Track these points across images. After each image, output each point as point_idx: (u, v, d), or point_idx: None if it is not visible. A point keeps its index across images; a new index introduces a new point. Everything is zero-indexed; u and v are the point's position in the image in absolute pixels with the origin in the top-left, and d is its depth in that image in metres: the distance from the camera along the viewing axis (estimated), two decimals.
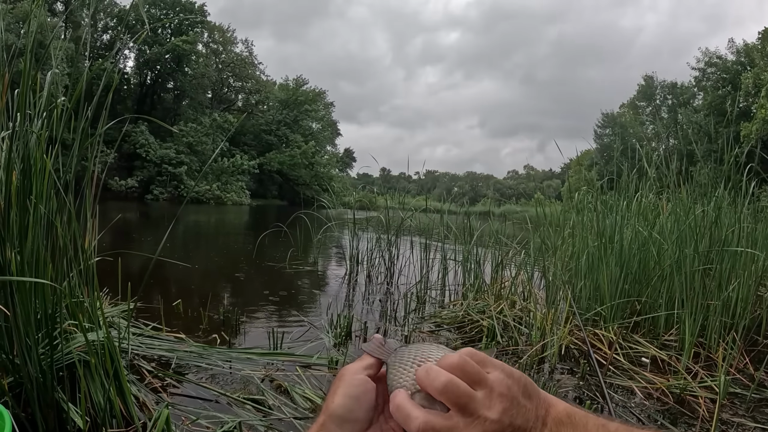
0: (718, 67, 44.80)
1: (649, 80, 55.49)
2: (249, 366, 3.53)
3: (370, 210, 10.11)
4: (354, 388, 0.65)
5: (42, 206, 2.39)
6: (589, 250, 4.91)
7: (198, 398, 3.01)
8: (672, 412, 3.20)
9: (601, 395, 3.38)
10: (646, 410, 3.21)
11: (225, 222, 23.85)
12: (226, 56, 53.84)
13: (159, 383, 3.19)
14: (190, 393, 3.08)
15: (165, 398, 2.96)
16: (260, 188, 51.59)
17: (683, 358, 3.83)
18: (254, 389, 3.13)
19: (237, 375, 3.36)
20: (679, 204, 4.97)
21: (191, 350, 3.76)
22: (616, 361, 3.84)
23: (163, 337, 4.07)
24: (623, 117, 56.26)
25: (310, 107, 57.69)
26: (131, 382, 3.11)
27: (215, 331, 4.33)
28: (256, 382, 3.22)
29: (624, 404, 3.30)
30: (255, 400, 2.93)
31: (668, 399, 3.35)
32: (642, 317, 4.53)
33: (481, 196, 42.19)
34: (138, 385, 3.10)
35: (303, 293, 6.70)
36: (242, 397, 2.95)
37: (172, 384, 3.18)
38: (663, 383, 3.49)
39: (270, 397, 2.98)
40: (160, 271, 8.00)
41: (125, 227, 16.29)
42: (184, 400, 2.97)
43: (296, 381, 3.28)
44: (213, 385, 3.20)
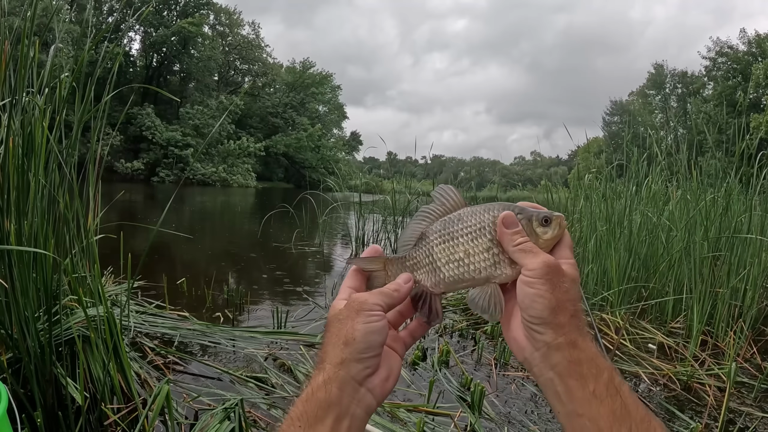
0: (729, 57, 44.19)
1: (660, 69, 54.86)
2: (252, 345, 3.51)
3: (376, 193, 10.07)
4: (374, 323, 0.69)
5: (42, 179, 2.35)
6: (598, 235, 4.84)
7: (201, 376, 2.99)
8: (679, 399, 3.16)
9: None
10: (653, 397, 3.17)
11: (230, 204, 23.87)
12: (232, 39, 53.56)
13: (161, 361, 3.17)
14: (192, 371, 3.06)
15: (167, 375, 2.94)
16: (266, 171, 51.55)
17: (691, 345, 3.78)
18: (257, 368, 3.11)
19: (240, 353, 3.35)
20: (689, 191, 4.89)
21: (195, 328, 3.74)
22: (622, 346, 3.80)
23: (166, 315, 4.05)
24: (632, 105, 55.73)
25: (317, 90, 57.44)
26: (133, 359, 3.10)
27: (219, 309, 4.32)
28: (259, 360, 3.20)
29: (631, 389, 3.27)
30: (258, 378, 2.90)
31: (675, 386, 3.31)
32: (649, 302, 4.47)
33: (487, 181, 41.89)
34: (140, 362, 3.08)
35: (308, 274, 6.68)
36: (245, 375, 2.93)
37: (174, 362, 3.16)
38: (670, 370, 3.44)
39: (273, 375, 2.96)
40: (166, 251, 8.01)
41: (131, 208, 16.33)
42: (186, 378, 2.96)
43: (299, 360, 3.25)
44: (216, 363, 3.18)
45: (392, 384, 0.72)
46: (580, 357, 0.63)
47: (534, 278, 0.66)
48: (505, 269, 0.71)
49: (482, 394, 2.67)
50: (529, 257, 0.67)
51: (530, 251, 0.68)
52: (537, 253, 0.68)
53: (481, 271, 0.72)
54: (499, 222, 0.70)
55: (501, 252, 0.71)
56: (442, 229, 0.75)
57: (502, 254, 0.71)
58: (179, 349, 3.36)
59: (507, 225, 0.70)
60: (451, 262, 0.73)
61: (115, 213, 14.12)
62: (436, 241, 0.75)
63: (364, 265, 0.80)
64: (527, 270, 0.67)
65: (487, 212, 0.73)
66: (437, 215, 0.77)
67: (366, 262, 0.80)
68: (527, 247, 0.68)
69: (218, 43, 51.33)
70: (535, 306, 0.65)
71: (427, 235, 0.76)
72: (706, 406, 3.05)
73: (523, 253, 0.68)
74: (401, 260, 0.78)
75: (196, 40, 46.70)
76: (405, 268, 0.77)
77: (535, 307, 0.65)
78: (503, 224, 0.70)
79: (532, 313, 0.65)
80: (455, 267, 0.73)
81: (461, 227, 0.74)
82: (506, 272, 0.71)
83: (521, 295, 0.67)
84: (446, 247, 0.74)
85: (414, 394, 2.87)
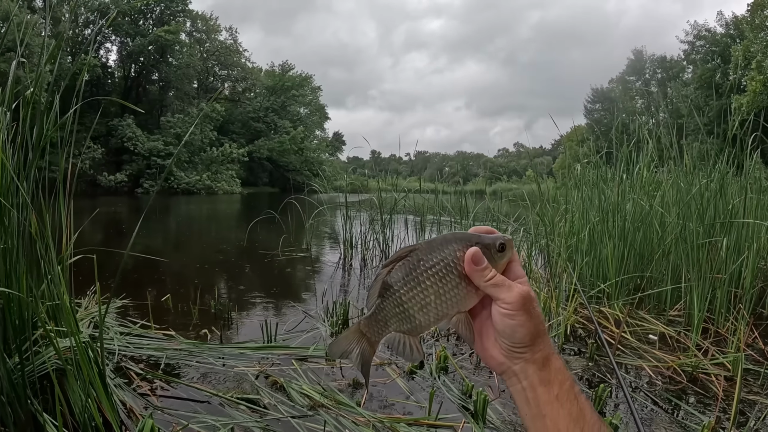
0: (707, 40, 44.45)
1: (639, 54, 55.10)
2: (242, 362, 3.37)
3: (362, 193, 9.93)
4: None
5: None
6: (591, 225, 4.75)
7: (189, 400, 2.85)
8: (686, 392, 3.08)
9: (613, 376, 3.26)
10: (659, 391, 3.08)
11: (217, 211, 23.58)
12: (210, 45, 52.93)
13: (147, 386, 3.02)
14: (180, 395, 2.91)
15: (154, 402, 2.79)
16: (251, 176, 51.10)
17: (693, 334, 3.70)
18: (248, 387, 2.97)
19: (230, 372, 3.20)
20: (681, 175, 4.82)
21: (181, 348, 3.60)
22: (623, 339, 3.71)
23: (152, 336, 3.90)
24: (613, 92, 55.99)
25: (297, 92, 56.98)
26: (118, 386, 2.95)
27: (207, 325, 4.16)
28: (250, 379, 3.06)
29: (636, 384, 3.17)
30: (249, 399, 2.76)
31: (681, 378, 3.22)
32: (647, 293, 4.39)
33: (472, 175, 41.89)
34: (125, 389, 2.94)
35: (297, 281, 6.53)
36: (236, 396, 2.79)
37: (162, 386, 3.01)
38: (674, 361, 3.36)
39: (265, 395, 2.82)
40: (150, 265, 7.82)
41: (116, 222, 16.05)
42: (174, 403, 2.81)
43: (292, 376, 3.12)
44: (205, 384, 3.04)
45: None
46: (550, 368, 0.72)
47: (513, 311, 0.71)
48: (473, 298, 0.74)
49: (486, 403, 2.55)
50: (504, 291, 0.72)
51: (503, 285, 0.72)
52: (510, 287, 0.72)
53: (453, 306, 0.74)
54: (468, 260, 0.72)
55: (468, 284, 0.73)
56: (406, 274, 0.74)
57: (470, 285, 0.73)
58: (166, 371, 3.21)
59: (476, 262, 0.72)
60: (424, 308, 0.74)
61: (100, 227, 13.90)
62: (403, 289, 0.74)
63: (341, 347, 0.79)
64: (505, 303, 0.71)
65: (447, 247, 0.74)
66: (395, 260, 0.76)
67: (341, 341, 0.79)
68: (499, 281, 0.72)
69: (196, 49, 50.75)
70: (516, 335, 0.71)
71: (392, 284, 0.75)
72: (716, 399, 2.97)
73: (497, 287, 0.72)
74: (373, 317, 0.77)
75: (174, 48, 46.05)
76: (378, 322, 0.76)
77: (516, 336, 0.71)
78: (473, 262, 0.72)
79: (514, 340, 0.72)
80: (428, 311, 0.74)
81: (425, 269, 0.73)
82: (474, 300, 0.75)
83: (502, 325, 0.72)
84: (415, 294, 0.73)
85: (414, 406, 2.75)
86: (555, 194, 6.52)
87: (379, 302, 0.76)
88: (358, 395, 2.89)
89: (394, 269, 0.75)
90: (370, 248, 7.88)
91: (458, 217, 6.78)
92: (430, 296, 0.73)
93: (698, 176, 4.67)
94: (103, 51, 45.94)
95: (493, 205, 6.78)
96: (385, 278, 0.75)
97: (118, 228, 13.34)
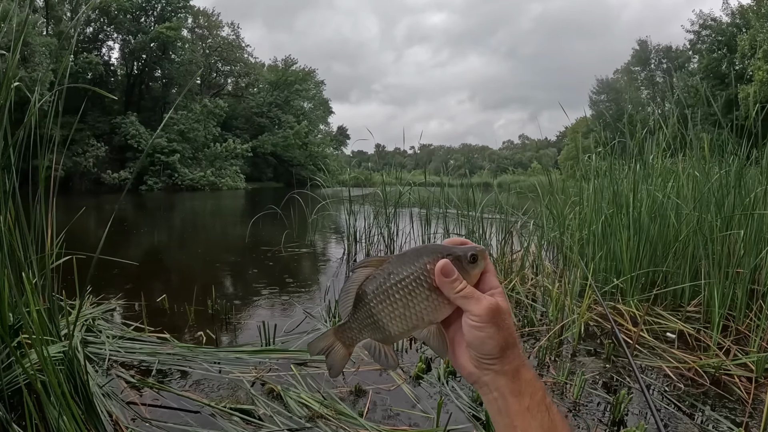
0: (713, 29, 43.90)
1: (644, 44, 54.54)
2: (238, 367, 3.20)
3: (366, 187, 9.75)
4: None
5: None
6: (605, 217, 4.54)
7: (180, 410, 2.68)
8: (709, 396, 2.88)
9: (632, 378, 3.07)
10: (681, 395, 2.88)
11: (220, 207, 23.45)
12: (212, 41, 52.67)
13: (137, 395, 2.86)
14: (171, 404, 2.74)
15: (142, 413, 2.63)
16: (255, 171, 50.92)
17: (713, 332, 3.50)
18: (243, 396, 2.79)
19: (225, 379, 3.03)
20: (698, 165, 4.60)
21: (175, 352, 3.43)
22: (639, 337, 3.51)
23: (145, 339, 3.74)
24: (618, 83, 55.54)
25: (301, 87, 56.74)
26: (106, 395, 2.79)
27: (204, 327, 3.99)
28: (245, 386, 2.89)
29: (656, 387, 2.98)
30: (243, 410, 2.59)
31: (703, 380, 3.02)
32: (665, 289, 4.18)
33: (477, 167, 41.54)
34: (113, 398, 2.77)
35: (299, 278, 6.34)
36: (229, 407, 2.61)
37: (152, 394, 2.85)
38: (696, 362, 3.16)
39: (261, 405, 2.65)
40: (149, 265, 7.68)
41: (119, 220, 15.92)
42: (164, 414, 2.64)
43: (290, 383, 2.94)
44: (198, 392, 2.87)
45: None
46: (521, 379, 0.70)
47: (481, 323, 0.69)
48: (445, 310, 0.74)
49: None
50: (473, 303, 0.71)
51: (472, 297, 0.71)
52: (479, 299, 0.71)
53: (424, 318, 0.74)
54: (438, 272, 0.71)
55: (439, 296, 0.72)
56: (377, 287, 0.74)
57: (441, 297, 0.72)
58: (158, 378, 3.05)
59: (446, 274, 0.71)
60: (394, 319, 0.74)
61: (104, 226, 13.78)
62: (374, 301, 0.74)
63: (317, 347, 0.80)
64: (474, 316, 0.70)
65: (417, 260, 0.74)
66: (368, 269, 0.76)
67: (317, 343, 0.80)
68: (468, 293, 0.71)
69: (198, 46, 50.54)
70: (484, 347, 0.70)
71: (364, 295, 0.76)
72: (741, 403, 2.77)
73: (466, 299, 0.71)
74: (346, 326, 0.78)
75: (176, 45, 45.86)
76: (351, 330, 0.77)
77: (484, 348, 0.70)
78: (442, 274, 0.71)
79: (482, 352, 0.70)
80: (399, 322, 0.74)
81: (395, 282, 0.73)
82: (446, 311, 0.74)
83: (471, 337, 0.71)
84: (385, 306, 0.74)
85: (420, 417, 2.56)
86: (563, 186, 6.31)
87: (351, 312, 0.76)
88: (360, 404, 2.71)
89: (366, 280, 0.75)
90: (375, 243, 7.70)
91: (465, 210, 6.57)
92: (399, 309, 0.73)
93: (715, 166, 4.45)
94: (105, 49, 45.81)
95: (502, 197, 6.55)
96: (358, 289, 0.76)
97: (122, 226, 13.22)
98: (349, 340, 0.78)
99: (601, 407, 2.72)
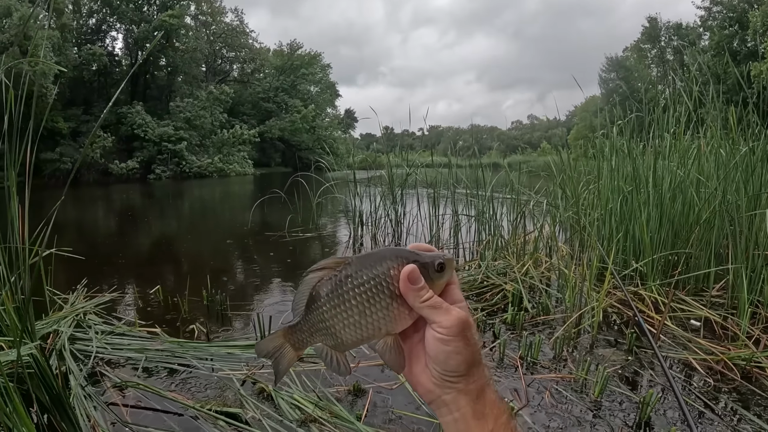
0: (724, 5, 42.76)
1: (654, 22, 53.34)
2: (229, 364, 2.99)
3: (374, 169, 9.50)
4: None
5: None
6: (624, 196, 4.25)
7: (164, 412, 2.47)
8: (741, 392, 2.61)
9: (657, 373, 2.81)
10: (710, 392, 2.62)
11: (228, 194, 23.27)
12: (216, 27, 52.17)
13: (120, 395, 2.65)
14: (154, 405, 2.53)
15: (122, 416, 2.42)
16: (263, 157, 50.73)
17: (742, 320, 3.22)
18: (231, 397, 2.57)
19: (213, 377, 2.82)
20: (722, 142, 4.29)
21: (164, 348, 3.23)
22: (664, 326, 3.25)
23: (135, 334, 3.54)
24: (628, 60, 54.52)
25: (307, 71, 56.25)
26: (87, 396, 2.59)
27: (197, 320, 3.79)
28: (235, 386, 2.67)
29: (683, 382, 2.72)
30: (229, 413, 2.37)
31: (733, 374, 2.76)
32: (689, 274, 3.89)
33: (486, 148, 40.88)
34: (94, 400, 2.57)
35: (302, 264, 6.09)
36: (214, 409, 2.40)
37: (135, 394, 2.64)
38: (725, 354, 2.89)
39: (249, 407, 2.43)
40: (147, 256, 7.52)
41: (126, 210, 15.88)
42: (146, 417, 2.44)
43: (283, 381, 2.72)
44: (184, 392, 2.67)
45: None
46: (484, 400, 0.66)
47: (449, 336, 0.64)
48: (404, 321, 0.68)
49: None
50: (441, 314, 0.65)
51: (440, 307, 0.66)
52: (448, 310, 0.66)
53: (381, 328, 0.68)
54: (404, 278, 0.66)
55: (400, 305, 0.66)
56: (332, 291, 0.68)
57: (402, 306, 0.67)
58: (144, 376, 2.85)
59: (412, 281, 0.65)
60: (348, 326, 0.68)
61: (115, 216, 13.69)
62: (327, 306, 0.68)
63: (265, 349, 0.75)
64: (441, 328, 0.65)
65: (380, 264, 0.67)
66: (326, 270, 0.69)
67: (265, 344, 0.75)
68: (436, 303, 0.66)
69: (202, 33, 50.09)
70: (450, 362, 0.65)
71: (317, 297, 0.69)
72: None
73: (434, 309, 0.65)
74: (297, 327, 0.72)
75: (179, 33, 45.44)
76: (302, 333, 0.72)
77: (450, 363, 0.65)
78: (408, 280, 0.65)
79: (447, 368, 0.65)
80: (353, 330, 0.68)
81: (353, 286, 0.67)
82: (406, 323, 0.68)
83: (435, 350, 0.65)
84: (339, 312, 0.68)
85: (424, 421, 2.31)
86: (576, 165, 6.02)
87: (304, 314, 0.71)
88: (359, 405, 2.48)
89: (321, 281, 0.70)
90: (381, 226, 7.47)
91: (474, 190, 6.29)
92: (354, 316, 0.68)
93: (740, 143, 4.14)
94: (109, 39, 45.53)
95: (513, 176, 6.26)
96: (312, 290, 0.71)
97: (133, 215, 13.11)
98: (298, 343, 0.73)
99: (624, 405, 2.46)
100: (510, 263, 4.60)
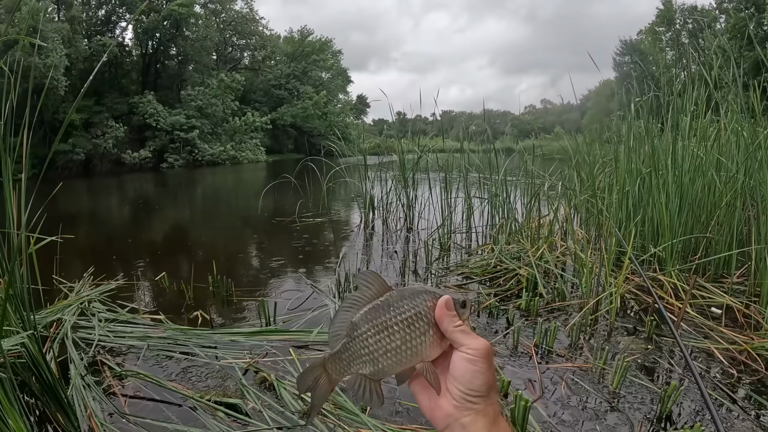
0: None
1: (668, 4, 52.25)
2: (232, 352, 2.91)
3: (386, 155, 9.37)
4: None
5: None
6: (642, 178, 4.09)
7: (162, 402, 2.39)
8: (766, 384, 2.47)
9: (677, 363, 2.68)
10: (733, 384, 2.48)
11: (240, 181, 23.25)
12: (226, 15, 51.94)
13: (119, 385, 2.58)
14: (153, 395, 2.46)
15: (120, 406, 2.35)
16: (276, 144, 50.67)
17: (765, 309, 3.07)
18: (232, 386, 2.49)
19: (215, 366, 2.74)
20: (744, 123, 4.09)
21: (167, 336, 3.16)
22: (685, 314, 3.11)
23: (138, 322, 3.48)
24: (642, 44, 53.55)
25: (318, 57, 55.94)
26: (86, 386, 2.52)
27: (202, 306, 3.71)
28: (236, 375, 2.59)
29: (705, 374, 2.59)
30: (229, 404, 2.28)
31: (757, 365, 2.62)
32: (709, 258, 3.73)
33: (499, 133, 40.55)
34: (93, 390, 2.50)
35: (311, 250, 5.99)
36: (214, 400, 2.31)
37: (135, 384, 2.57)
38: (748, 344, 2.75)
39: (251, 398, 2.34)
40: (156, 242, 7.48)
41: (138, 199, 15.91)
42: (144, 408, 2.36)
43: (287, 370, 2.64)
44: (185, 381, 2.59)
45: None
46: (499, 426, 0.70)
47: (477, 357, 0.70)
48: (436, 349, 0.73)
49: (527, 410, 1.98)
50: (471, 338, 0.71)
51: (469, 333, 0.72)
52: (476, 336, 0.72)
53: (418, 354, 0.72)
54: (441, 305, 0.73)
55: (435, 333, 0.72)
56: (374, 318, 0.73)
57: (435, 335, 0.73)
58: (146, 365, 2.78)
59: (449, 308, 0.73)
60: (389, 352, 0.72)
61: (129, 205, 13.72)
62: (371, 332, 0.73)
63: (306, 382, 0.76)
64: (471, 349, 0.70)
65: (418, 296, 0.74)
66: (364, 302, 0.75)
67: (306, 376, 0.76)
68: (465, 329, 0.73)
69: (212, 21, 49.91)
70: (475, 381, 0.69)
71: (359, 325, 0.73)
72: None
73: (464, 334, 0.72)
74: (337, 355, 0.75)
75: (189, 22, 45.32)
76: (342, 361, 0.74)
77: (475, 382, 0.69)
78: (446, 307, 0.73)
79: (472, 387, 0.69)
80: (393, 356, 0.72)
81: (394, 315, 0.73)
82: (438, 351, 0.73)
83: (462, 370, 0.70)
84: (382, 338, 0.72)
85: None
86: (590, 149, 5.84)
87: (345, 341, 0.74)
88: None
89: (363, 311, 0.74)
90: (393, 211, 7.36)
91: (488, 174, 6.15)
92: (396, 341, 0.72)
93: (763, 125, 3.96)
94: (119, 30, 45.50)
95: (528, 159, 6.10)
96: (354, 319, 0.74)
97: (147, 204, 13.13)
98: (337, 372, 0.75)
99: (643, 397, 2.33)
100: (524, 247, 4.47)
